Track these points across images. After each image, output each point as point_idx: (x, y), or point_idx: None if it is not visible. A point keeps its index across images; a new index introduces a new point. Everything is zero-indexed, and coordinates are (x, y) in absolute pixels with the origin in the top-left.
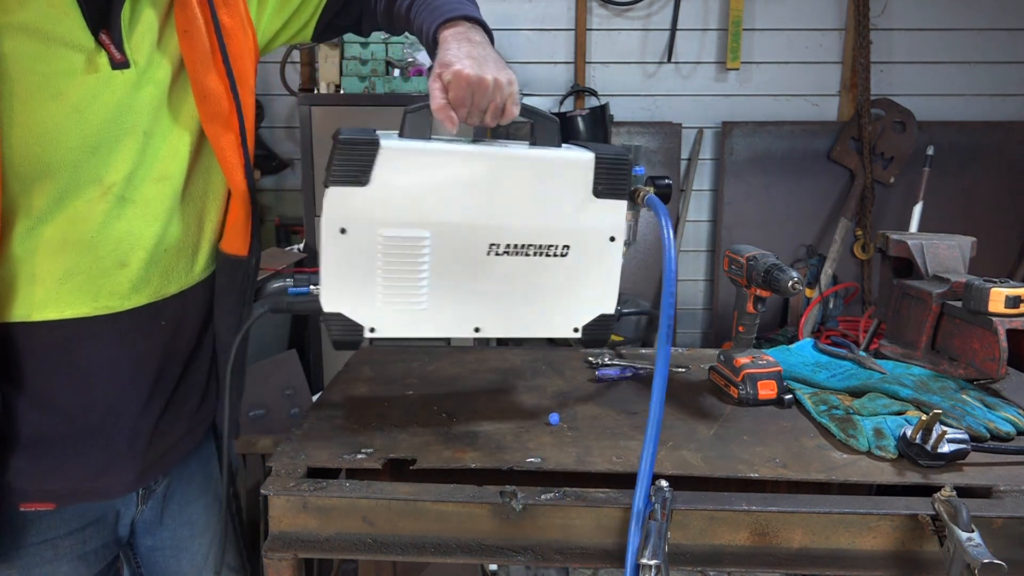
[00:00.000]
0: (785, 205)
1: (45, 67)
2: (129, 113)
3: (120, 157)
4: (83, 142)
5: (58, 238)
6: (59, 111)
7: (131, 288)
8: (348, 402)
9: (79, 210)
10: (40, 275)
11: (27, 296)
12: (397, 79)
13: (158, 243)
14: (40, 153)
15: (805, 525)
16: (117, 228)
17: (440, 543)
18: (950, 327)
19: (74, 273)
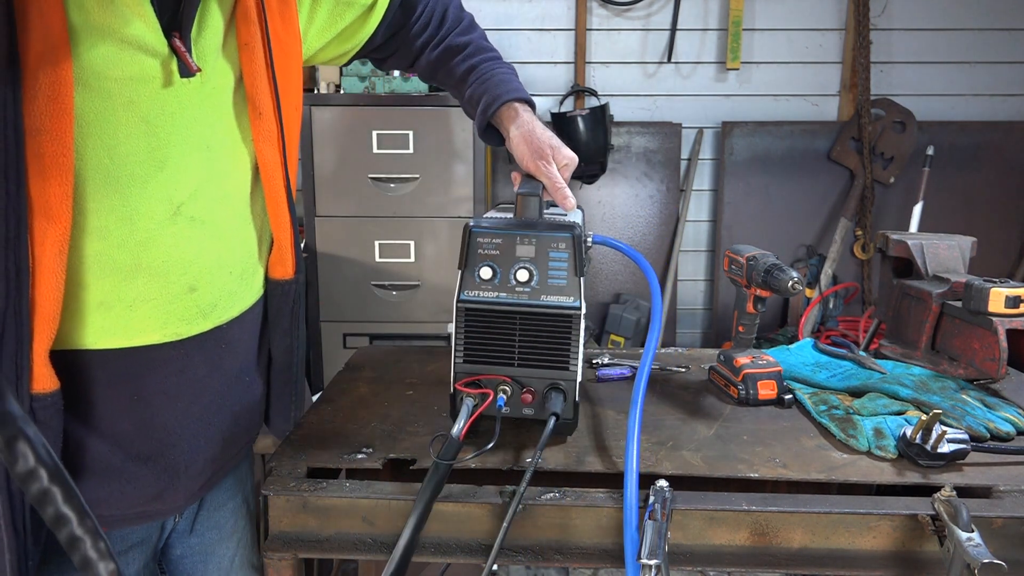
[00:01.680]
0: (785, 205)
1: (119, 71)
2: (195, 125)
3: (187, 173)
4: (152, 155)
5: (130, 262)
6: (130, 121)
7: (199, 313)
8: (348, 402)
9: (150, 231)
10: (110, 301)
11: (96, 323)
12: (397, 79)
13: (225, 265)
14: (110, 167)
15: (805, 525)
16: (187, 251)
17: (440, 543)
18: (950, 327)
19: (145, 299)
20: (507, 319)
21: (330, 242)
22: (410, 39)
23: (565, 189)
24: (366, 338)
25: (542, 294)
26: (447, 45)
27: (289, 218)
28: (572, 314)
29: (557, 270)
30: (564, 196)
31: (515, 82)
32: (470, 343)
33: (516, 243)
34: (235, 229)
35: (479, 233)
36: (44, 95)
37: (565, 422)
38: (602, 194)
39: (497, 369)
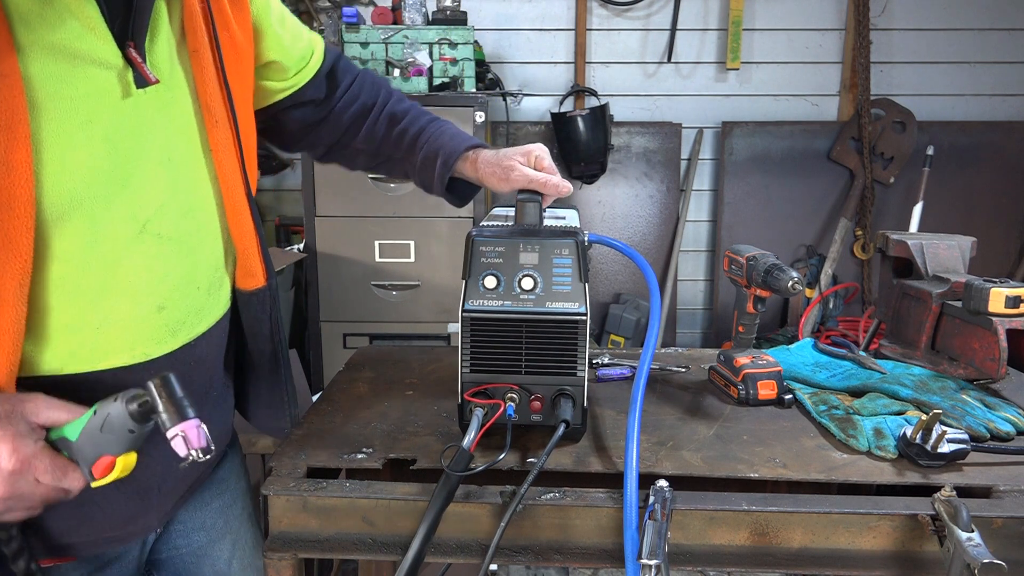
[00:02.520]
0: (785, 205)
1: (73, 90)
2: (155, 138)
3: (151, 188)
4: (114, 173)
5: (96, 284)
6: (90, 140)
7: (168, 332)
8: (348, 402)
9: (116, 251)
10: (75, 324)
11: (61, 348)
12: (397, 79)
13: (193, 281)
14: (72, 189)
15: (805, 525)
16: (155, 269)
17: (440, 543)
18: (950, 327)
19: (113, 321)
20: (513, 327)
21: (330, 242)
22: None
23: (550, 178)
24: (366, 338)
25: (547, 301)
26: (389, 112)
27: (253, 226)
28: (578, 320)
29: (561, 276)
30: (554, 184)
31: (466, 134)
32: (476, 352)
33: (519, 250)
34: (201, 243)
35: (482, 242)
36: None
37: (574, 428)
38: (602, 194)
39: (504, 377)
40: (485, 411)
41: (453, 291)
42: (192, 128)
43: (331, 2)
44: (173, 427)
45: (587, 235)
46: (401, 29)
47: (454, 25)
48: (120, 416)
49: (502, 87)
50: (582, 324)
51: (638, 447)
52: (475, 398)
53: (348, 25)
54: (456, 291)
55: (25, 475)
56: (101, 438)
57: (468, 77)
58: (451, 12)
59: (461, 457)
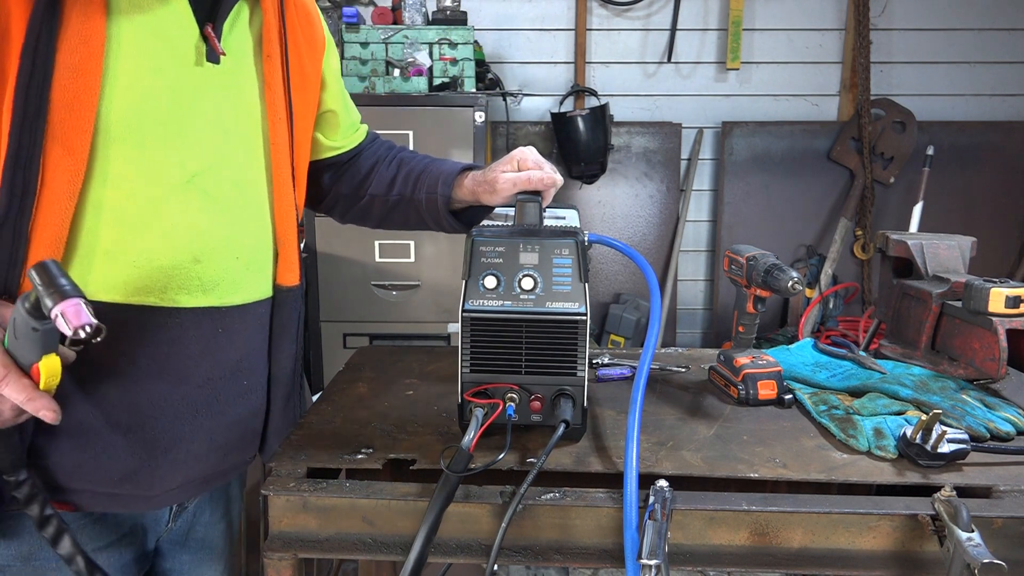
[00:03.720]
0: (785, 205)
1: (150, 42)
2: (215, 108)
3: (203, 147)
4: (172, 121)
5: (140, 217)
6: (156, 85)
7: (200, 287)
8: (348, 402)
9: (163, 191)
10: (115, 253)
11: (100, 273)
12: (397, 79)
13: (232, 249)
14: (132, 120)
15: (805, 525)
16: (196, 220)
17: (440, 543)
18: (950, 327)
19: (150, 258)
20: (513, 327)
21: (330, 242)
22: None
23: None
24: (366, 338)
25: (547, 301)
26: (399, 158)
27: (296, 225)
28: (578, 320)
29: (561, 276)
30: (538, 179)
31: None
32: (476, 352)
33: (519, 251)
34: (245, 217)
35: (482, 242)
36: (77, 38)
37: (574, 428)
38: (602, 194)
39: (504, 377)
40: (485, 411)
41: (453, 291)
42: (254, 115)
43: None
44: (53, 307)
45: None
46: (401, 29)
47: (454, 25)
48: (22, 317)
49: (502, 87)
50: (582, 324)
51: (638, 447)
52: (475, 398)
53: (348, 25)
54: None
55: None
56: (18, 345)
57: (468, 77)
58: (451, 12)
59: (461, 457)
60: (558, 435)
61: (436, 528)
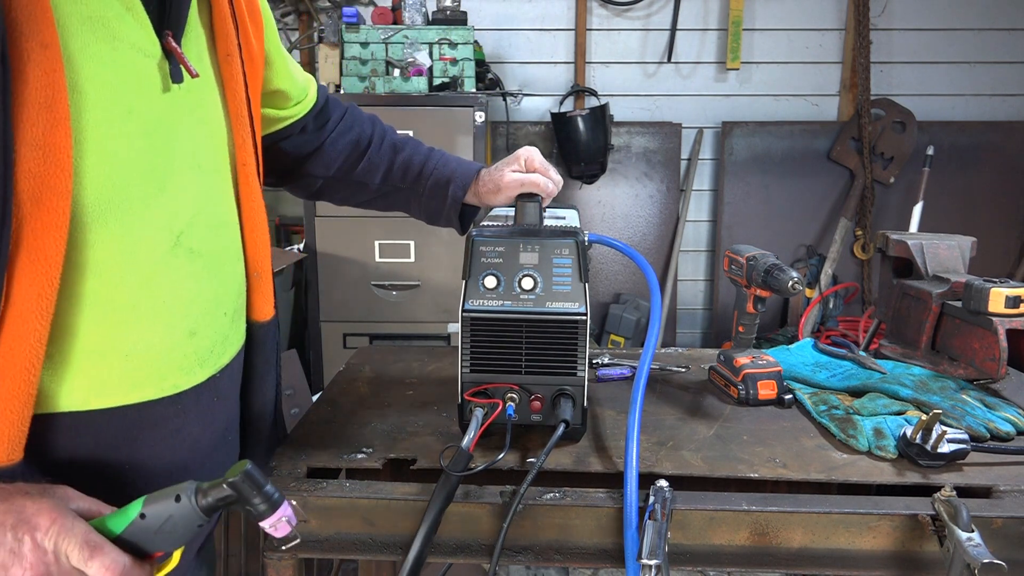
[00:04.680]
0: (785, 205)
1: (114, 74)
2: (187, 140)
3: (184, 196)
4: (152, 174)
5: (128, 303)
6: (130, 133)
7: (197, 361)
8: (348, 402)
9: (151, 265)
10: (103, 351)
11: (84, 379)
12: (397, 79)
13: (220, 305)
14: (110, 189)
15: (805, 525)
16: (187, 288)
17: (440, 543)
18: (950, 327)
19: (143, 347)
20: (513, 327)
21: (330, 242)
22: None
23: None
24: (366, 338)
25: (547, 301)
26: (391, 142)
27: (269, 248)
28: (578, 320)
29: (561, 276)
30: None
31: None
32: (476, 352)
33: (519, 250)
34: (227, 263)
35: (482, 241)
36: (37, 102)
37: (574, 428)
38: (602, 194)
39: (504, 377)
40: (485, 411)
41: (453, 291)
42: (220, 137)
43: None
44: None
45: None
46: (401, 29)
47: (454, 25)
48: (188, 515)
49: (502, 87)
50: (582, 324)
51: (638, 447)
52: (475, 398)
53: (348, 25)
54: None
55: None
56: (155, 538)
57: (468, 77)
58: (451, 12)
59: (460, 457)
60: (558, 435)
61: (436, 528)
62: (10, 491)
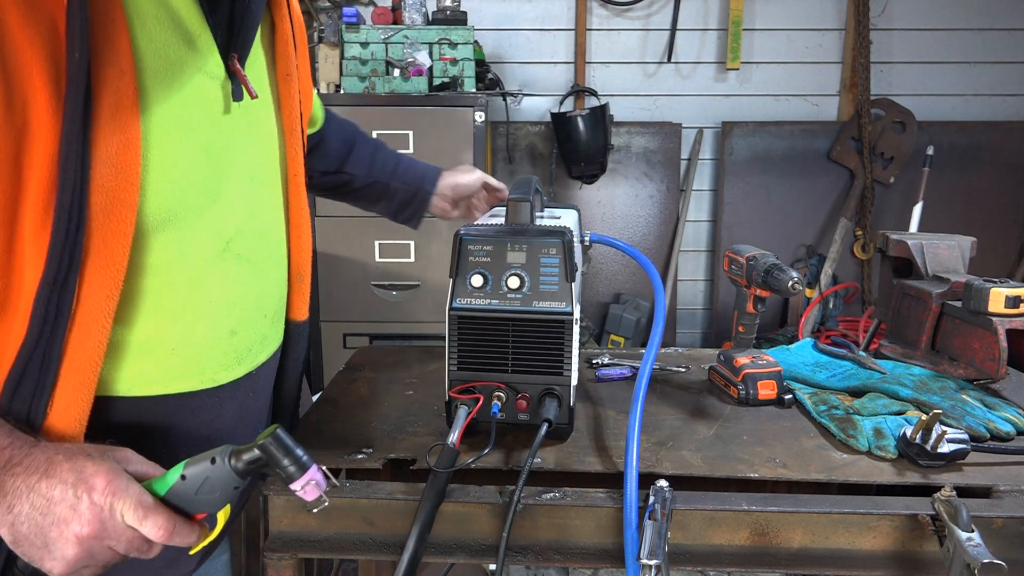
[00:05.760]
0: (785, 205)
1: (180, 95)
2: (243, 154)
3: (236, 206)
4: (207, 186)
5: (177, 302)
6: (190, 148)
7: (236, 359)
8: (348, 402)
9: (200, 268)
10: (151, 344)
11: (134, 367)
12: (397, 79)
13: (261, 308)
14: (170, 199)
15: (805, 525)
16: (232, 291)
17: (440, 543)
18: (950, 327)
19: (188, 342)
20: (499, 326)
21: (330, 242)
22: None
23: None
24: (366, 338)
25: (534, 300)
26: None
27: (312, 255)
28: (564, 319)
29: (548, 276)
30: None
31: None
32: (464, 351)
33: (507, 249)
34: (271, 268)
35: (470, 240)
36: (111, 126)
37: (560, 427)
38: (602, 194)
39: (491, 376)
40: (469, 408)
41: None
42: (273, 150)
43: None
44: (299, 479)
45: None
46: (401, 29)
47: (454, 25)
48: (224, 476)
49: (502, 87)
50: (568, 323)
51: (638, 447)
52: (461, 395)
53: (348, 25)
54: None
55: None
56: (196, 499)
57: (468, 77)
58: (451, 12)
59: (447, 454)
60: (541, 434)
61: (429, 526)
62: (74, 451)
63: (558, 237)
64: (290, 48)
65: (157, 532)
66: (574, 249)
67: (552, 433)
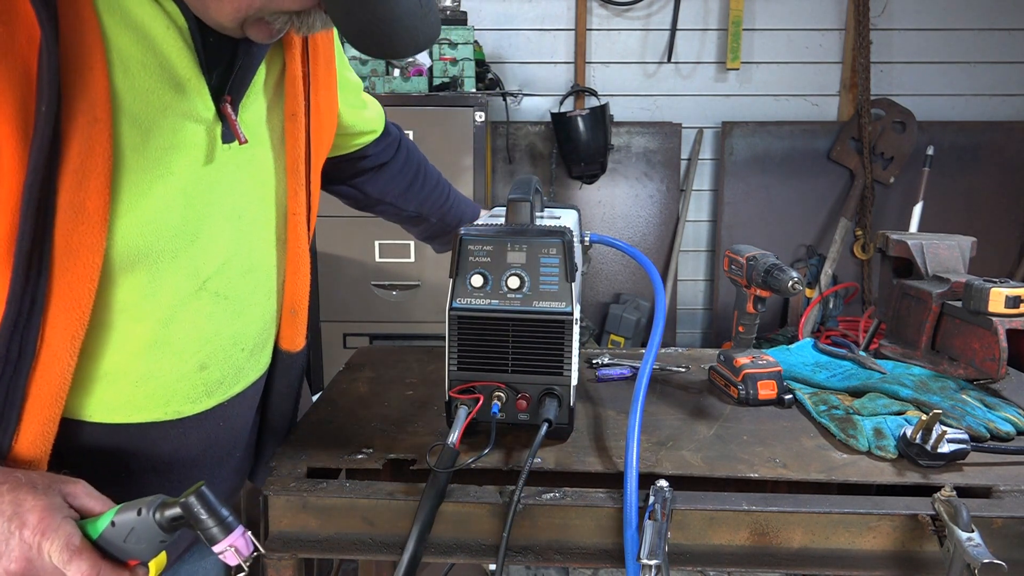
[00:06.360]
0: (785, 205)
1: (159, 141)
2: (230, 194)
3: (217, 245)
4: (185, 228)
5: (146, 338)
6: (166, 194)
7: (204, 392)
8: (348, 402)
9: (172, 307)
10: (115, 375)
11: (97, 396)
12: (397, 79)
13: (239, 343)
14: (142, 242)
15: (805, 525)
16: (205, 328)
17: (440, 543)
18: (950, 327)
19: (153, 376)
20: (499, 326)
21: (330, 242)
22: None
23: None
24: (366, 338)
25: (534, 300)
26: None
27: (309, 289)
28: (564, 319)
29: (548, 276)
30: None
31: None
32: (464, 351)
33: (507, 249)
34: (255, 303)
35: (470, 240)
36: (79, 173)
37: (560, 427)
38: (602, 194)
39: (491, 376)
40: (469, 407)
41: None
42: (268, 188)
43: None
44: (221, 542)
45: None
46: None
47: (454, 25)
48: (149, 528)
49: (502, 87)
50: (568, 323)
51: (638, 447)
52: (461, 395)
53: None
54: None
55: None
56: (124, 547)
57: (468, 77)
58: (451, 12)
59: (446, 455)
60: (541, 434)
61: (429, 526)
62: (21, 482)
63: (558, 237)
64: (298, 88)
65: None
66: (574, 249)
67: (552, 433)
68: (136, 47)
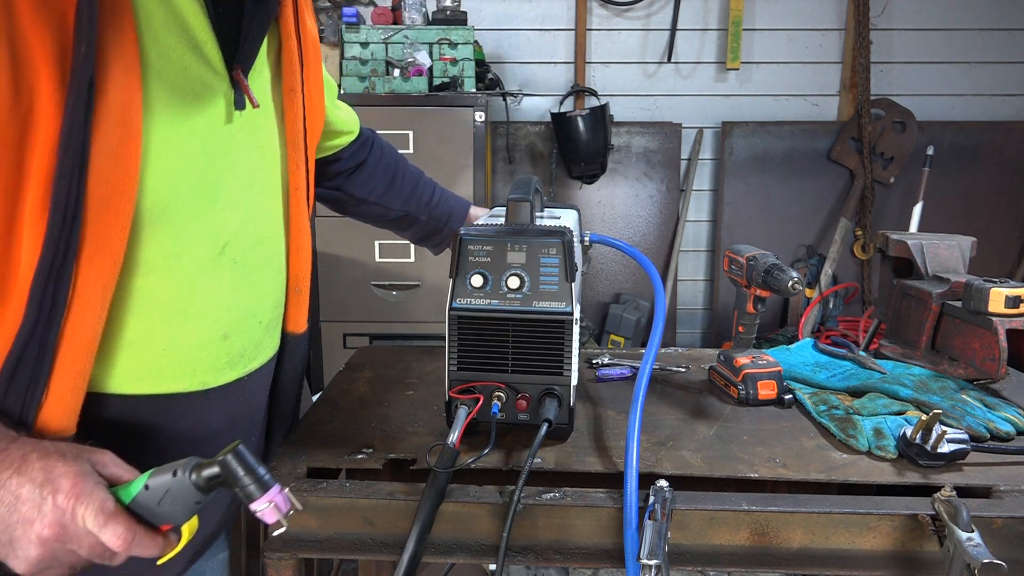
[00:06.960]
0: (785, 205)
1: (183, 99)
2: (242, 161)
3: (233, 211)
4: (205, 189)
5: (170, 302)
6: (190, 151)
7: (227, 363)
8: (348, 402)
9: (194, 271)
10: (141, 342)
11: (124, 365)
12: (397, 79)
13: (256, 314)
14: (167, 198)
15: (805, 525)
16: (225, 295)
17: (440, 543)
18: (950, 327)
19: (178, 343)
20: (499, 326)
21: (330, 242)
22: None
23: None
24: (366, 338)
25: (534, 300)
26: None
27: (311, 268)
28: (564, 319)
29: (548, 276)
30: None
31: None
32: (464, 351)
33: (507, 249)
34: (267, 276)
35: (470, 240)
36: (113, 119)
37: (560, 427)
38: (602, 194)
39: (491, 376)
40: (469, 407)
41: None
42: (274, 161)
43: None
44: (259, 499)
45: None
46: (401, 29)
47: (454, 25)
48: (185, 490)
49: (502, 87)
50: (568, 323)
51: (638, 447)
52: (461, 395)
53: (348, 25)
54: None
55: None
56: (158, 510)
57: (468, 77)
58: (451, 12)
59: (446, 455)
60: (541, 434)
61: (429, 526)
62: (49, 450)
63: (558, 237)
64: (295, 65)
65: (115, 540)
66: (574, 249)
67: (552, 433)
68: (159, 7)
